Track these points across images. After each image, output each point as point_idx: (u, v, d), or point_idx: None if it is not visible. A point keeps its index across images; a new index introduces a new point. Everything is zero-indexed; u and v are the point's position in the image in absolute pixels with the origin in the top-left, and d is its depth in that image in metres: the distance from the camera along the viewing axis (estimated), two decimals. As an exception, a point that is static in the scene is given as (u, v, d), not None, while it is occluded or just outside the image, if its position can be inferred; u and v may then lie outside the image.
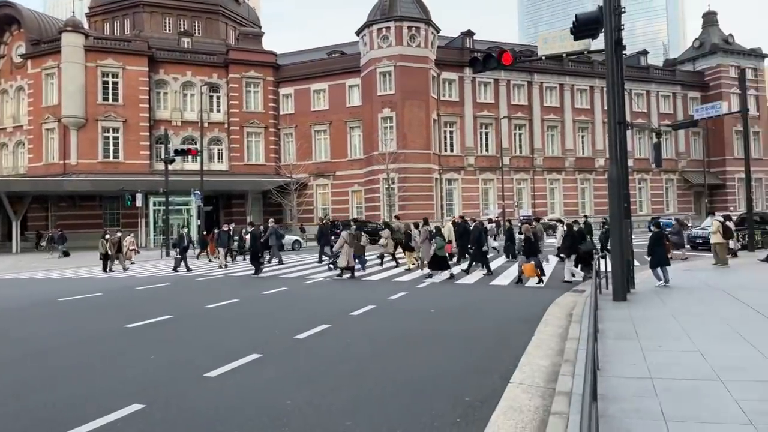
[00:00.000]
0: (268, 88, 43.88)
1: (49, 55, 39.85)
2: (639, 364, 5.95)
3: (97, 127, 39.06)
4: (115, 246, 21.45)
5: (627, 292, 10.53)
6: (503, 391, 5.48)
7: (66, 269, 22.90)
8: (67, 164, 38.73)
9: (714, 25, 54.46)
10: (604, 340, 7.04)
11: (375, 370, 6.43)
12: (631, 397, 4.91)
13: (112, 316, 10.69)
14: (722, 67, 51.75)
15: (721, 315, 8.54)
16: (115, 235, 22.15)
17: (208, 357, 7.06)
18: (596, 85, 47.14)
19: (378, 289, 13.57)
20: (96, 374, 6.52)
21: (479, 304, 11.31)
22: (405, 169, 38.26)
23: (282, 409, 5.14)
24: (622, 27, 11.65)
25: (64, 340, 8.54)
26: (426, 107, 39.66)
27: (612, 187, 10.55)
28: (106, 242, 21.03)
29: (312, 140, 43.63)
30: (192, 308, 11.34)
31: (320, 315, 9.93)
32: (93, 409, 5.19)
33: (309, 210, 41.57)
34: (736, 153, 50.39)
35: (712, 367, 5.70)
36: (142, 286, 15.55)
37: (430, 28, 40.41)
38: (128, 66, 40.03)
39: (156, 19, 47.88)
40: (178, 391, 5.75)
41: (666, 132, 44.45)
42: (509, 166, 44.01)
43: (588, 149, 48.06)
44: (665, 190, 51.05)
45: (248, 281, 16.41)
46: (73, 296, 13.48)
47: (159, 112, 41.58)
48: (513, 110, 44.80)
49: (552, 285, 13.56)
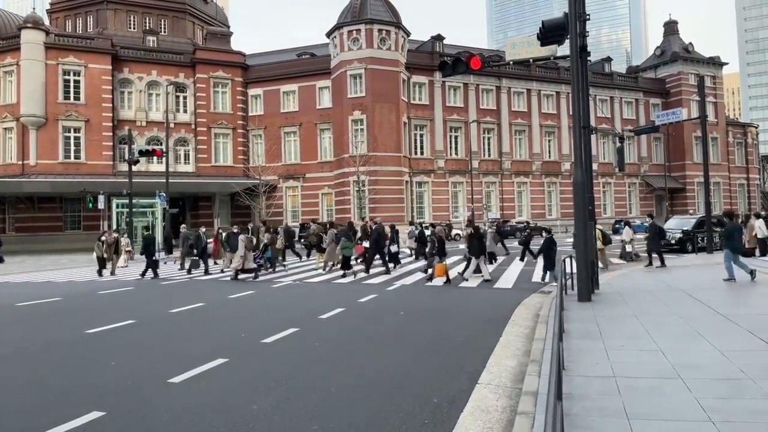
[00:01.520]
0: (237, 88, 43.34)
1: (7, 52, 38.52)
2: (603, 364, 6.06)
3: (57, 127, 37.91)
4: (111, 248, 20.35)
5: (591, 292, 10.73)
6: (471, 392, 5.51)
7: (27, 273, 22.09)
8: (26, 165, 37.46)
9: (675, 34, 56.31)
10: (570, 340, 7.15)
11: (343, 373, 6.38)
12: (595, 396, 4.99)
13: (72, 321, 10.35)
14: (682, 74, 53.51)
15: (681, 315, 8.77)
16: (112, 236, 20.94)
17: (173, 362, 6.89)
18: (562, 91, 48.14)
19: (348, 292, 13.51)
20: (53, 381, 6.29)
21: (448, 305, 11.37)
22: (375, 171, 38.30)
23: (248, 414, 5.04)
24: (586, 34, 11.89)
25: (20, 345, 8.21)
26: (396, 110, 39.80)
27: (577, 190, 10.74)
28: (102, 244, 20.00)
29: (281, 142, 43.28)
30: (156, 313, 11.07)
31: (288, 318, 9.82)
32: (49, 418, 4.99)
33: (278, 212, 41.17)
34: (696, 158, 52.17)
35: (673, 366, 5.84)
36: (105, 290, 15.12)
37: (401, 32, 40.60)
38: (91, 64, 38.98)
39: (120, 16, 46.80)
40: (140, 398, 5.59)
41: (629, 137, 45.64)
42: (478, 169, 44.54)
43: (554, 153, 49.02)
44: (628, 193, 52.44)
45: (215, 285, 16.13)
46: (32, 301, 13.01)
47: (123, 112, 40.62)
48: (482, 114, 45.37)
49: (519, 287, 13.74)
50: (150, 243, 19.17)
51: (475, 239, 15.01)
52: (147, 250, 18.81)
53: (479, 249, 15.00)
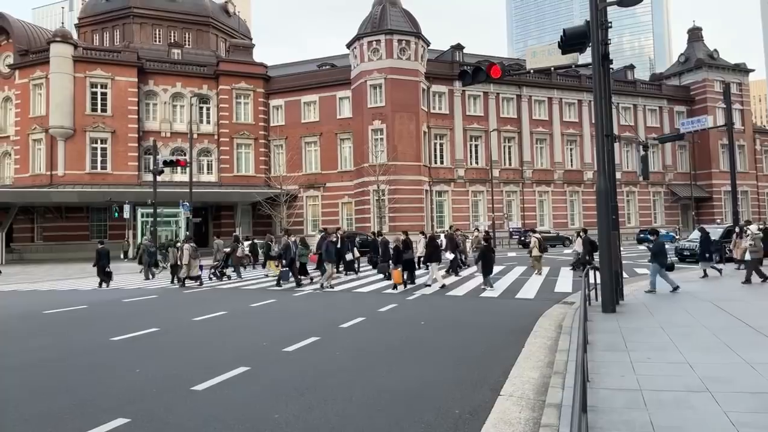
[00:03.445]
0: (259, 99, 43.91)
1: (37, 65, 39.66)
2: (628, 376, 5.95)
3: (85, 138, 38.83)
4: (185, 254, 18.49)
5: (616, 303, 10.56)
6: (493, 404, 5.46)
7: (55, 281, 22.56)
8: (54, 175, 38.39)
9: (699, 41, 55.48)
10: (594, 351, 7.05)
11: (364, 383, 6.37)
12: (620, 409, 4.91)
13: (97, 328, 10.54)
14: (707, 81, 52.63)
15: (708, 326, 8.58)
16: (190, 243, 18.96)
17: (196, 370, 6.96)
18: (584, 99, 47.71)
19: (368, 302, 13.52)
20: (79, 388, 6.40)
21: (469, 315, 11.29)
22: (395, 181, 38.34)
23: (270, 423, 5.07)
24: (608, 41, 11.80)
25: (47, 353, 8.39)
26: (416, 119, 39.87)
27: (600, 199, 10.61)
28: (177, 251, 18.97)
29: (302, 152, 43.63)
30: (179, 321, 11.21)
31: (309, 327, 9.86)
32: (76, 424, 5.09)
33: (299, 222, 41.45)
34: (722, 166, 51.14)
35: (701, 379, 5.71)
36: (129, 299, 15.36)
37: (420, 42, 40.75)
38: (117, 77, 39.91)
39: (146, 30, 47.87)
40: (164, 405, 5.66)
41: (653, 145, 45.07)
42: (499, 178, 44.29)
43: (576, 162, 48.51)
44: (653, 202, 51.57)
45: (237, 294, 16.28)
46: (58, 309, 13.28)
47: (148, 123, 41.43)
48: (502, 123, 45.17)
49: (541, 297, 13.59)
50: (103, 256, 19.39)
51: (430, 247, 16.29)
52: (99, 262, 19.30)
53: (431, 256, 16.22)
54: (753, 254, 14.36)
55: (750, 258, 14.42)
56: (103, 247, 19.84)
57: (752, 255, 14.37)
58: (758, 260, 14.46)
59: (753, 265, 14.35)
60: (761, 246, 14.87)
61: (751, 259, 14.39)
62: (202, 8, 49.97)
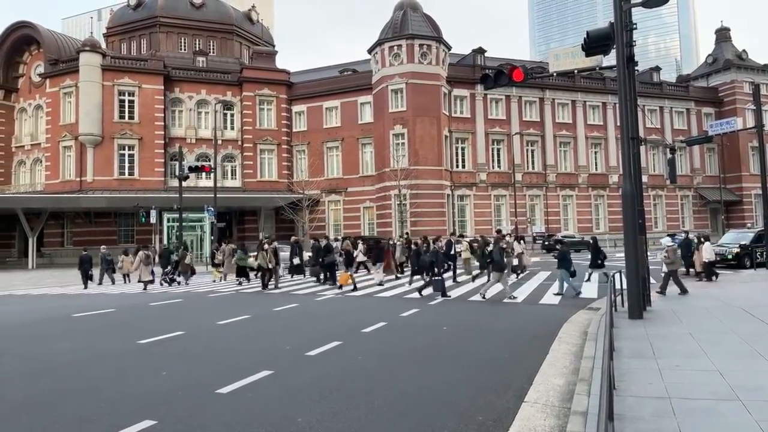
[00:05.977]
0: (281, 105, 44.37)
1: (67, 74, 40.75)
2: (656, 384, 5.83)
3: (113, 145, 39.71)
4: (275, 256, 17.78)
5: (643, 309, 10.36)
6: (517, 410, 5.40)
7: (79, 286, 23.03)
8: (84, 181, 39.33)
9: (727, 41, 54.31)
10: (620, 358, 6.92)
11: (387, 388, 6.36)
12: (648, 417, 4.80)
13: (125, 331, 10.73)
14: (736, 82, 51.47)
15: (739, 333, 8.37)
16: (273, 244, 18.24)
17: (220, 373, 7.04)
18: (609, 101, 47.05)
19: (390, 306, 13.51)
20: (107, 390, 6.52)
21: (493, 321, 11.21)
22: (417, 185, 38.30)
23: (294, 427, 5.09)
24: (633, 43, 11.62)
25: (76, 355, 8.57)
26: (437, 124, 39.79)
27: (626, 203, 10.43)
28: (266, 253, 17.54)
29: (324, 157, 43.89)
30: (204, 324, 11.35)
31: (332, 331, 9.89)
32: (102, 426, 5.18)
33: (321, 226, 41.67)
34: (752, 169, 49.83)
35: (732, 387, 5.57)
36: (156, 302, 15.63)
37: (441, 46, 40.70)
38: (144, 85, 40.76)
39: (172, 38, 48.78)
40: (190, 408, 5.73)
41: (680, 148, 44.11)
42: (522, 182, 43.89)
43: (601, 165, 47.82)
44: (680, 206, 50.51)
45: (261, 298, 16.42)
46: (86, 312, 13.57)
47: (174, 130, 42.18)
48: (525, 126, 44.78)
49: (565, 303, 13.41)
50: (85, 261, 21.57)
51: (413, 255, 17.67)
52: (83, 266, 21.41)
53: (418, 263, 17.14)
54: (669, 266, 13.92)
55: (666, 270, 13.98)
56: (86, 254, 22.04)
57: (668, 267, 13.93)
58: (674, 272, 13.97)
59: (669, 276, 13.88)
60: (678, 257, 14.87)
61: (667, 270, 13.95)
62: (226, 16, 50.77)
